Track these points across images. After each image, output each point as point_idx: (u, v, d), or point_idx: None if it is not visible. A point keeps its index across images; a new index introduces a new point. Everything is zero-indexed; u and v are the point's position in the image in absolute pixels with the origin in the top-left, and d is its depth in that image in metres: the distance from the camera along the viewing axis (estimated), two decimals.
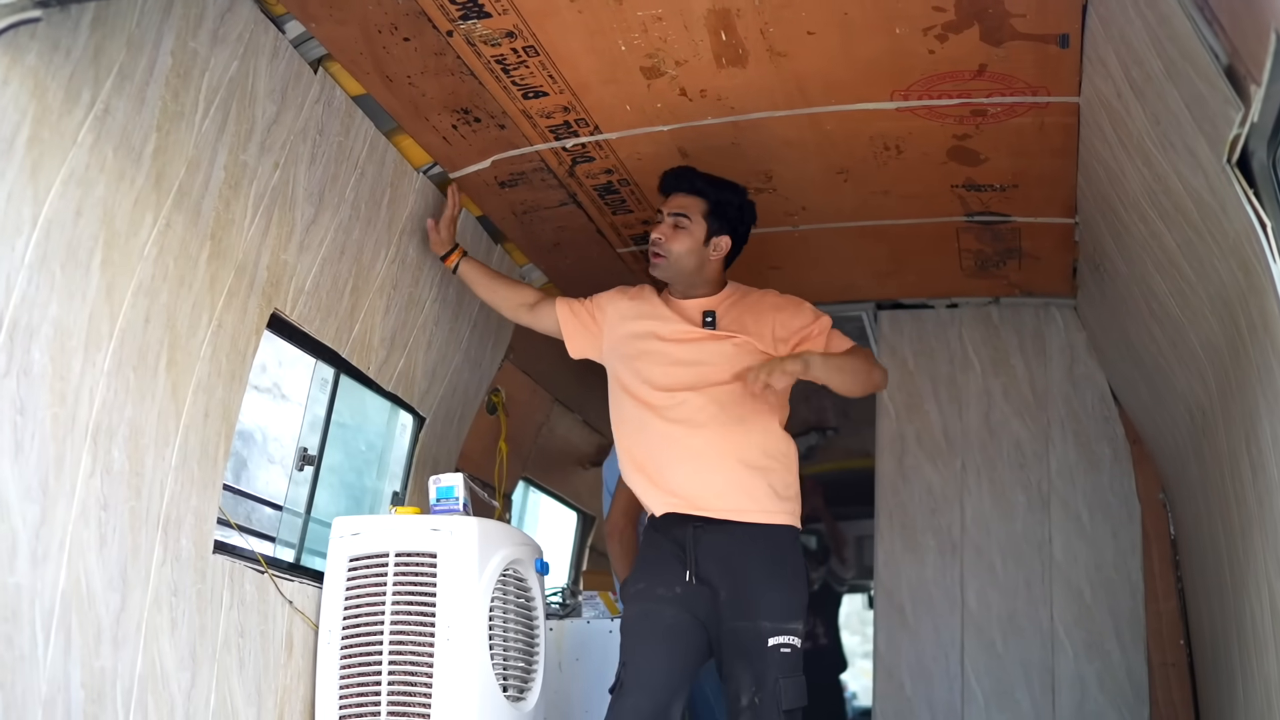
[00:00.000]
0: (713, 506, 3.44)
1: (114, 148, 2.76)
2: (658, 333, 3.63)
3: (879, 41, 3.30)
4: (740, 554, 3.40)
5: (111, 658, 2.79)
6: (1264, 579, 2.94)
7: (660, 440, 3.52)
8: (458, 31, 3.27)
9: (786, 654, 3.33)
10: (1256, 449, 2.90)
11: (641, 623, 3.43)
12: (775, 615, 3.35)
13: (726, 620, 3.38)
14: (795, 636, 3.36)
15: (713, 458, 3.47)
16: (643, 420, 3.56)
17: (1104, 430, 5.15)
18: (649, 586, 3.46)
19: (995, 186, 4.15)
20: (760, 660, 3.31)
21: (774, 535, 3.45)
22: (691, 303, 3.67)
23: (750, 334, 3.57)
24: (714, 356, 3.55)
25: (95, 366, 2.76)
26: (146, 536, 2.93)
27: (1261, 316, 2.66)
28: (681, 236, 3.64)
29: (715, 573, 3.40)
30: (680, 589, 3.41)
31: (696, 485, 3.46)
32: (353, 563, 3.57)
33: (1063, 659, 4.98)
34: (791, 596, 3.41)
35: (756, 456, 3.48)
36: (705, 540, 3.42)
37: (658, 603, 3.42)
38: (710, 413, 3.49)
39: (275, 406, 6.32)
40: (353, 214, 3.67)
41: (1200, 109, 2.57)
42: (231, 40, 3.05)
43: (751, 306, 3.67)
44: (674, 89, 3.57)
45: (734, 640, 3.36)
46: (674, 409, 3.51)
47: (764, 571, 3.39)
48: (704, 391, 3.50)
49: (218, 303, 3.17)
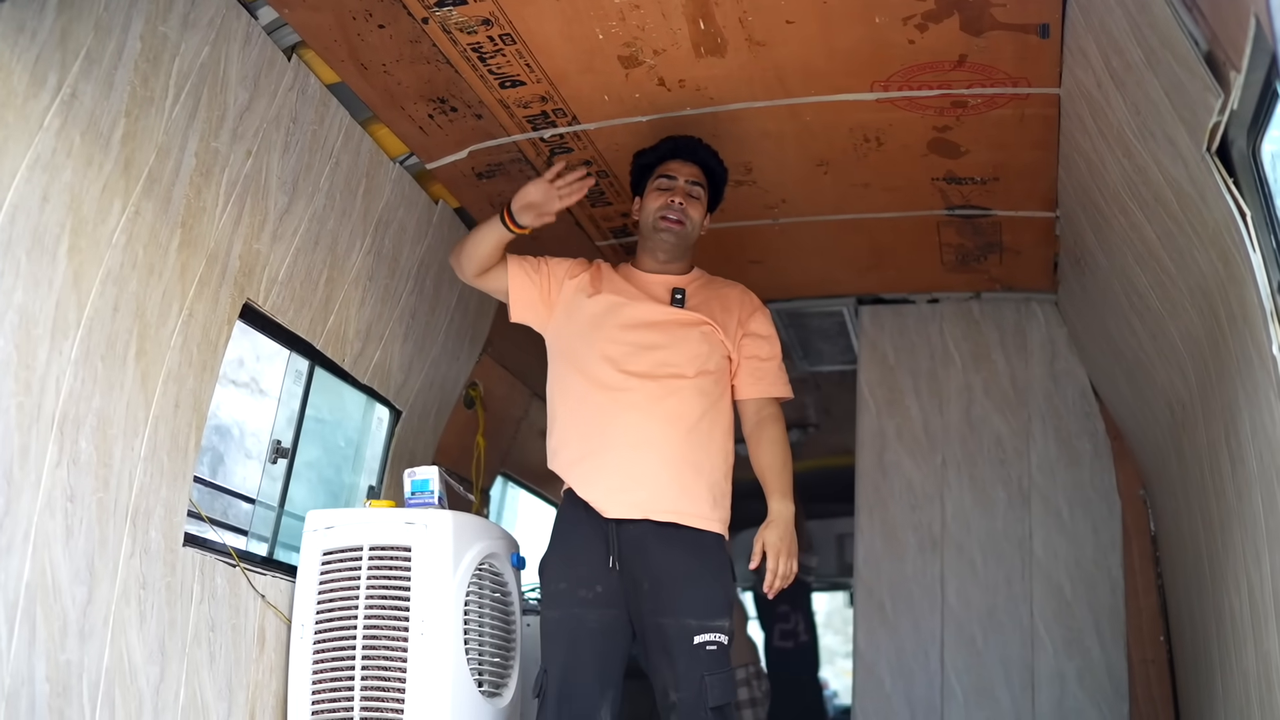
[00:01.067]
0: (649, 505, 3.32)
1: (81, 132, 2.71)
2: (623, 310, 3.48)
3: (858, 31, 3.28)
4: (664, 549, 3.30)
5: (78, 651, 2.74)
6: (1242, 573, 2.93)
7: (609, 425, 3.38)
8: (433, 18, 3.23)
9: (713, 651, 3.24)
10: (1236, 442, 2.89)
11: (564, 627, 3.32)
12: (700, 612, 3.27)
13: (649, 615, 3.28)
14: (721, 633, 3.27)
15: (662, 453, 3.34)
16: (594, 401, 3.41)
17: (1085, 426, 5.14)
18: (570, 587, 3.34)
19: (976, 179, 4.13)
20: (686, 657, 3.22)
21: (699, 536, 3.35)
22: (662, 278, 3.56)
23: (717, 322, 3.48)
24: (679, 343, 3.43)
25: (62, 355, 2.72)
26: (114, 528, 2.89)
27: (1241, 307, 2.65)
28: (697, 206, 3.56)
29: (638, 563, 3.30)
30: (601, 586, 3.31)
31: (639, 478, 3.33)
32: (326, 556, 3.53)
33: (1042, 655, 4.97)
34: (717, 592, 3.32)
35: (702, 460, 3.38)
36: (629, 529, 3.32)
37: (580, 606, 3.31)
38: (666, 405, 3.37)
39: (252, 401, 6.28)
40: (327, 204, 3.63)
41: (1180, 97, 2.55)
42: (203, 25, 3.01)
43: (719, 294, 3.58)
44: (652, 79, 3.54)
45: (658, 636, 3.27)
46: (629, 394, 3.38)
47: (688, 566, 3.30)
48: (663, 382, 3.39)
49: (188, 292, 3.13)
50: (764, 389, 3.53)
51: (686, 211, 3.52)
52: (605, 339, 3.46)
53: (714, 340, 3.47)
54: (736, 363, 3.53)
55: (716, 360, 3.47)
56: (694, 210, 3.55)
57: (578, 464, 3.44)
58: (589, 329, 3.49)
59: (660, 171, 3.58)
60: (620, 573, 3.32)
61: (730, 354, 3.51)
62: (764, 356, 3.54)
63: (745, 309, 3.58)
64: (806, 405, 7.20)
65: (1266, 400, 2.52)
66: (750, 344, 3.54)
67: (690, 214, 3.53)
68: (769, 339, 3.57)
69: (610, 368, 3.42)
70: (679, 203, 3.52)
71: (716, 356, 3.47)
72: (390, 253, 4.01)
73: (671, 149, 3.61)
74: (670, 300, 3.51)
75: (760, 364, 3.53)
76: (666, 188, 3.55)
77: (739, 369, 3.53)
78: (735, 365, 3.53)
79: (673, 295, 3.51)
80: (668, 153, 3.61)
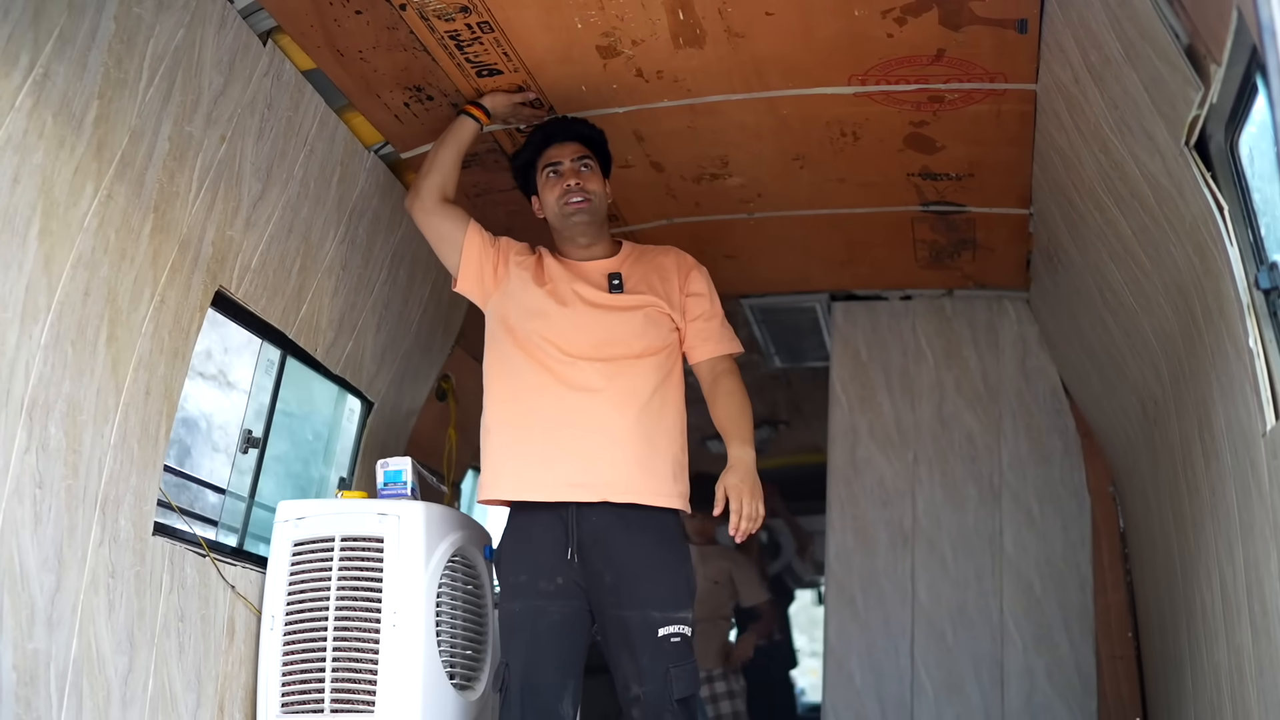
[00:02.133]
0: (606, 486, 3.28)
1: (53, 114, 2.67)
2: (565, 297, 3.45)
3: (837, 24, 3.28)
4: (625, 540, 3.28)
5: (45, 640, 2.70)
6: (1215, 567, 2.95)
7: (558, 407, 3.35)
8: (411, 5, 3.20)
9: (677, 643, 3.23)
10: (1209, 435, 2.90)
11: (524, 620, 3.30)
12: (664, 605, 3.25)
13: (612, 608, 3.27)
14: (684, 625, 3.26)
15: (615, 433, 3.31)
16: (539, 383, 3.38)
17: (1055, 423, 5.18)
18: (530, 579, 3.31)
19: (951, 175, 4.14)
20: (650, 650, 3.22)
21: (661, 520, 3.33)
22: (593, 264, 3.53)
23: (658, 294, 3.46)
24: (623, 323, 3.41)
25: (31, 339, 2.68)
26: (84, 516, 2.85)
27: (1217, 300, 2.66)
28: (593, 178, 3.53)
29: (599, 554, 3.28)
30: (562, 578, 3.29)
31: (595, 460, 3.30)
32: (297, 547, 3.49)
33: (1012, 651, 5.00)
34: (680, 582, 3.32)
35: (657, 436, 3.35)
36: (589, 519, 3.29)
37: (541, 598, 3.29)
38: (617, 385, 3.34)
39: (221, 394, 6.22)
40: (301, 191, 3.59)
41: (1159, 91, 2.57)
42: (178, 8, 2.97)
43: (654, 264, 3.54)
44: (630, 69, 3.53)
45: (620, 629, 3.26)
46: (578, 376, 3.35)
47: (649, 557, 3.28)
48: (611, 363, 3.36)
49: (160, 278, 3.09)
50: (712, 349, 3.50)
51: (585, 188, 3.49)
52: (547, 328, 3.41)
53: (658, 316, 3.44)
54: (684, 328, 3.50)
55: (663, 336, 3.44)
56: (591, 183, 3.51)
57: (519, 444, 3.37)
58: (533, 314, 3.44)
59: (543, 162, 3.56)
60: (580, 564, 3.29)
61: (677, 324, 3.48)
62: (706, 315, 3.51)
63: (682, 271, 3.55)
64: (777, 402, 7.22)
65: (1242, 394, 2.54)
66: (691, 305, 3.51)
67: (590, 188, 3.50)
68: (706, 295, 3.53)
69: (556, 351, 3.38)
70: (575, 184, 3.49)
71: (663, 331, 3.44)
72: (364, 242, 3.98)
73: (543, 138, 3.58)
74: (608, 287, 3.47)
75: (704, 324, 3.50)
76: (555, 173, 3.52)
77: (686, 332, 3.50)
78: (683, 332, 3.50)
79: (609, 282, 3.48)
80: (541, 142, 3.58)
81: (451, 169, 3.60)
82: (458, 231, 3.56)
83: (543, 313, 3.44)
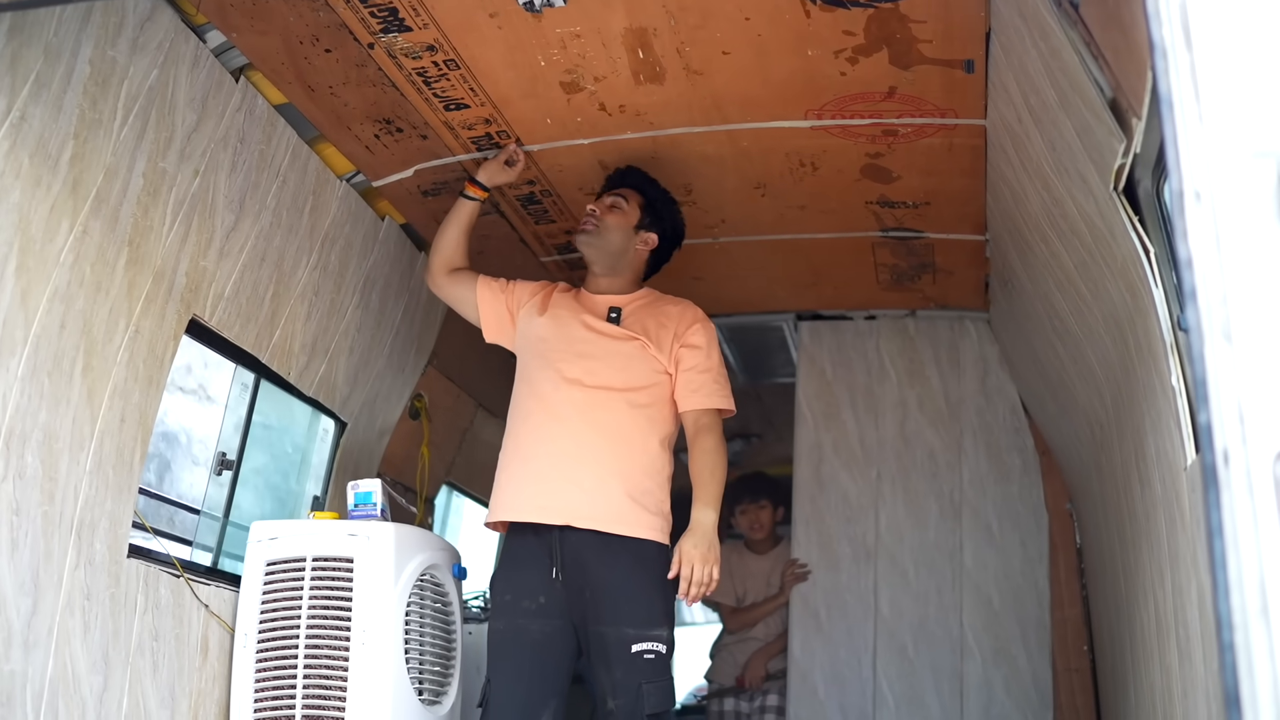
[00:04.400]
0: (578, 514, 3.43)
1: (30, 155, 2.78)
2: (563, 321, 3.66)
3: (792, 62, 3.39)
4: (602, 560, 3.41)
5: (22, 661, 2.80)
6: (1150, 590, 3.07)
7: (541, 438, 3.52)
8: (379, 44, 3.31)
9: (651, 659, 3.36)
10: (1143, 464, 3.03)
11: (507, 638, 3.44)
12: (638, 621, 3.38)
13: (591, 624, 3.40)
14: (659, 642, 3.38)
15: (589, 464, 3.46)
16: (530, 410, 3.57)
17: (1014, 441, 5.29)
18: (515, 598, 3.46)
19: (908, 203, 4.26)
20: (624, 665, 3.35)
21: (639, 546, 3.45)
22: (602, 297, 3.72)
23: (650, 338, 3.59)
24: (608, 356, 3.57)
25: (9, 372, 2.78)
26: (59, 541, 2.95)
27: (1146, 338, 2.78)
28: (615, 214, 3.73)
29: (580, 573, 3.41)
30: (545, 597, 3.43)
31: (566, 489, 3.44)
32: (270, 567, 3.60)
33: (971, 664, 5.11)
34: (655, 602, 3.43)
35: (631, 469, 3.48)
36: (570, 541, 3.43)
37: (524, 616, 3.43)
38: (594, 416, 3.49)
39: (200, 408, 6.31)
40: (274, 221, 3.70)
41: (1089, 138, 2.68)
42: (151, 49, 3.07)
43: (659, 311, 3.69)
44: (593, 104, 3.64)
45: (599, 644, 3.39)
46: (561, 404, 3.51)
47: (626, 577, 3.41)
48: (592, 393, 3.51)
49: (135, 308, 3.19)
50: (698, 400, 3.60)
51: (601, 218, 3.70)
52: (544, 353, 3.62)
53: (645, 356, 3.58)
54: (675, 377, 3.62)
55: (648, 375, 3.57)
56: (611, 217, 3.72)
57: (507, 469, 3.57)
58: (535, 344, 3.67)
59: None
60: (564, 583, 3.42)
61: (666, 369, 3.61)
62: (699, 368, 3.62)
63: (683, 322, 3.67)
64: (749, 416, 7.32)
65: (1168, 428, 2.66)
66: (685, 355, 3.63)
67: (606, 219, 3.70)
68: (703, 349, 3.64)
69: (545, 380, 3.57)
70: (594, 210, 3.72)
71: (648, 371, 3.57)
72: (336, 268, 4.08)
73: (605, 185, 3.86)
74: (605, 318, 3.65)
75: (695, 375, 3.61)
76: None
77: (677, 381, 3.62)
78: (674, 380, 3.62)
79: (609, 313, 3.66)
80: (609, 183, 3.86)
81: (455, 244, 3.90)
82: (469, 293, 3.85)
83: (541, 338, 3.65)
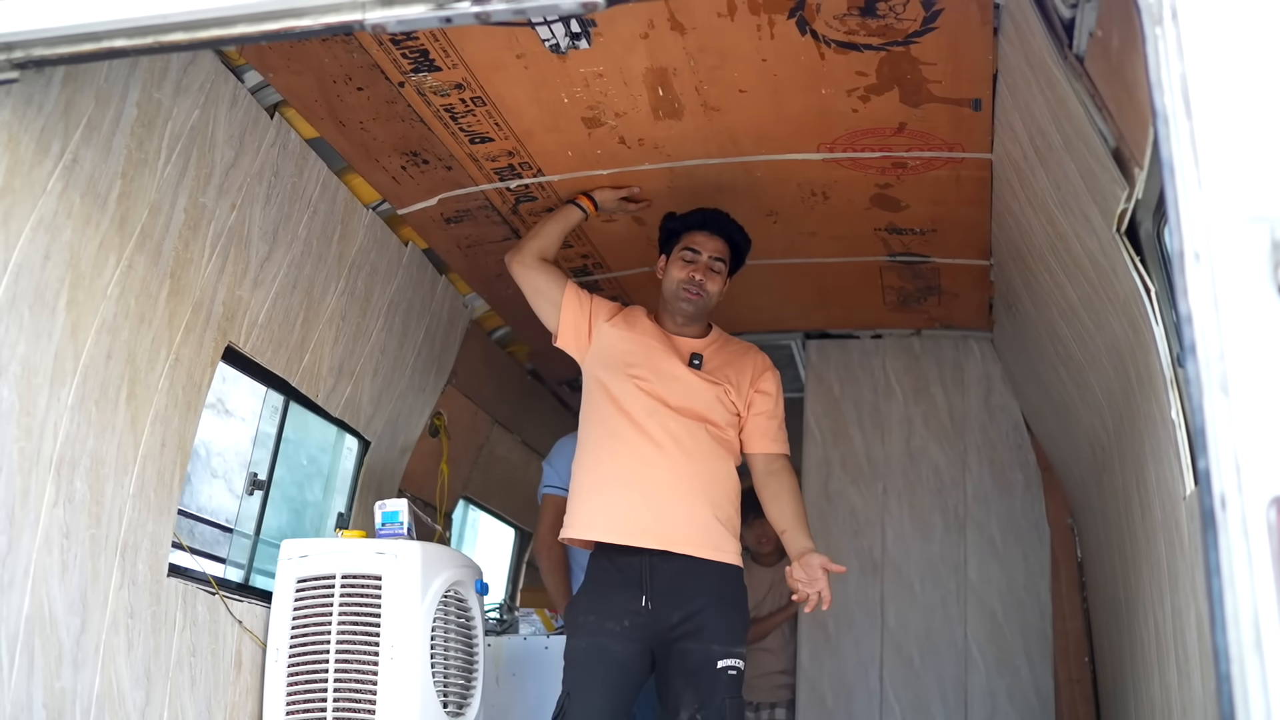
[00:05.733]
0: (674, 539, 3.56)
1: (81, 195, 2.91)
2: (654, 360, 3.73)
3: (807, 100, 3.52)
4: (693, 582, 3.54)
5: (71, 679, 2.93)
6: (1150, 609, 3.20)
7: (638, 462, 3.61)
8: (409, 83, 3.44)
9: (733, 675, 3.51)
10: (1144, 490, 3.16)
11: (589, 656, 3.54)
12: (724, 639, 3.53)
13: (676, 641, 3.53)
14: (740, 660, 3.55)
15: (684, 491, 3.59)
16: (618, 429, 3.66)
17: (1017, 457, 5.42)
18: (599, 620, 3.56)
19: (915, 230, 4.39)
20: (709, 681, 3.49)
21: (723, 570, 3.61)
22: (683, 340, 3.81)
23: (731, 384, 3.73)
24: (698, 390, 3.69)
25: (60, 402, 2.91)
26: (105, 562, 3.08)
27: (1147, 371, 2.91)
28: (717, 280, 3.81)
29: (668, 597, 3.53)
30: (629, 621, 3.53)
31: (663, 515, 3.57)
32: (300, 584, 3.73)
33: (975, 675, 5.24)
34: (739, 622, 3.61)
35: (719, 497, 3.64)
36: (661, 568, 3.55)
37: (607, 637, 3.53)
38: (688, 444, 3.62)
39: (219, 422, 6.43)
40: (305, 250, 3.83)
41: (1092, 182, 2.81)
42: (194, 90, 3.21)
43: (734, 358, 3.83)
44: (614, 137, 3.77)
45: (682, 660, 3.52)
46: (656, 430, 3.62)
47: (715, 597, 3.55)
48: (686, 421, 3.64)
49: (175, 338, 3.32)
50: (769, 445, 3.77)
51: (705, 286, 3.77)
52: (632, 374, 3.70)
53: (727, 401, 3.72)
54: (745, 419, 3.77)
55: (728, 417, 3.72)
56: (712, 284, 3.79)
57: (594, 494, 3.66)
58: (619, 363, 3.74)
59: (686, 242, 3.83)
60: (652, 609, 3.54)
61: (740, 411, 3.75)
62: (770, 414, 3.79)
63: (756, 369, 3.83)
64: None
65: (1168, 458, 2.79)
66: (758, 401, 3.78)
67: (708, 288, 3.78)
68: (773, 396, 3.81)
69: (637, 403, 3.66)
70: (699, 279, 3.77)
71: (727, 414, 3.72)
72: (362, 293, 4.21)
73: (700, 221, 3.86)
74: (688, 363, 3.75)
75: (766, 421, 3.78)
76: (690, 260, 3.79)
77: (747, 424, 3.77)
78: (743, 421, 3.77)
79: (690, 359, 3.76)
80: (695, 224, 3.86)
81: (554, 240, 3.97)
82: (555, 289, 3.87)
83: (628, 361, 3.73)
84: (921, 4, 3.01)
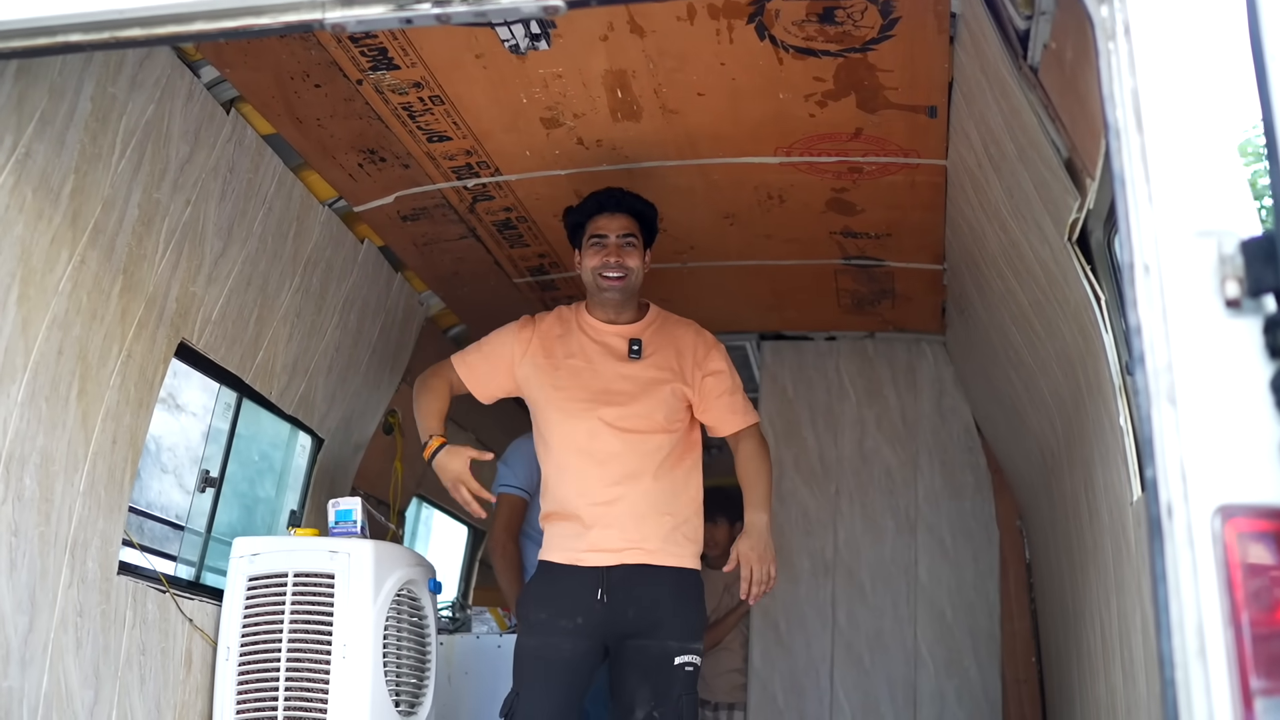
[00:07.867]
0: (633, 554, 3.54)
1: (33, 189, 2.88)
2: (583, 379, 3.67)
3: (764, 104, 3.55)
4: (649, 584, 3.54)
5: (19, 678, 2.90)
6: (1096, 612, 3.25)
7: (586, 483, 3.59)
8: (367, 80, 3.43)
9: (690, 672, 3.53)
10: (1092, 494, 3.20)
11: (539, 655, 3.53)
12: (681, 634, 3.53)
13: (632, 637, 3.53)
14: (697, 656, 3.56)
15: (637, 504, 3.56)
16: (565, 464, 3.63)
17: (968, 460, 5.48)
18: (551, 618, 3.55)
19: (870, 234, 4.43)
20: (665, 677, 3.49)
21: (682, 573, 3.60)
22: (616, 329, 3.72)
23: (673, 370, 3.67)
24: (644, 398, 3.62)
25: (9, 398, 2.87)
26: (54, 560, 3.05)
27: (1096, 378, 2.95)
28: (633, 254, 3.68)
29: (625, 595, 3.53)
30: (583, 618, 3.52)
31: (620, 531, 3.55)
32: (252, 582, 3.70)
33: (924, 675, 5.30)
34: (695, 618, 3.61)
35: (679, 507, 3.62)
36: (619, 571, 3.54)
37: (559, 635, 3.52)
38: (640, 458, 3.58)
39: (169, 417, 6.38)
40: (260, 247, 3.80)
41: (1045, 192, 2.85)
42: (149, 85, 3.18)
43: (674, 338, 3.75)
44: (572, 138, 3.78)
45: (638, 656, 3.52)
46: (601, 452, 3.58)
47: (671, 595, 3.55)
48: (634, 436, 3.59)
49: (128, 334, 3.29)
50: (738, 421, 3.75)
51: (624, 264, 3.66)
52: (567, 402, 3.64)
53: (677, 394, 3.66)
54: (702, 404, 3.70)
55: (680, 410, 3.67)
56: (631, 260, 3.67)
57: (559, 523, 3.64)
58: (551, 394, 3.67)
59: (591, 230, 3.71)
60: (607, 605, 3.52)
61: (691, 400, 3.69)
62: (729, 391, 3.73)
63: (700, 350, 3.75)
64: None
65: (1115, 464, 2.83)
66: (713, 383, 3.71)
67: (628, 264, 3.66)
68: (725, 372, 3.74)
69: (581, 429, 3.61)
70: (614, 260, 3.66)
71: (679, 408, 3.67)
72: (317, 290, 4.18)
73: (596, 205, 3.73)
74: (628, 352, 3.69)
75: (729, 399, 3.72)
76: (600, 245, 3.68)
77: (709, 408, 3.71)
78: (701, 406, 3.71)
79: (630, 347, 3.70)
80: (594, 209, 3.73)
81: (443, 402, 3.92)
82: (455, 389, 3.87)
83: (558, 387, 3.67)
84: (879, 11, 3.04)
